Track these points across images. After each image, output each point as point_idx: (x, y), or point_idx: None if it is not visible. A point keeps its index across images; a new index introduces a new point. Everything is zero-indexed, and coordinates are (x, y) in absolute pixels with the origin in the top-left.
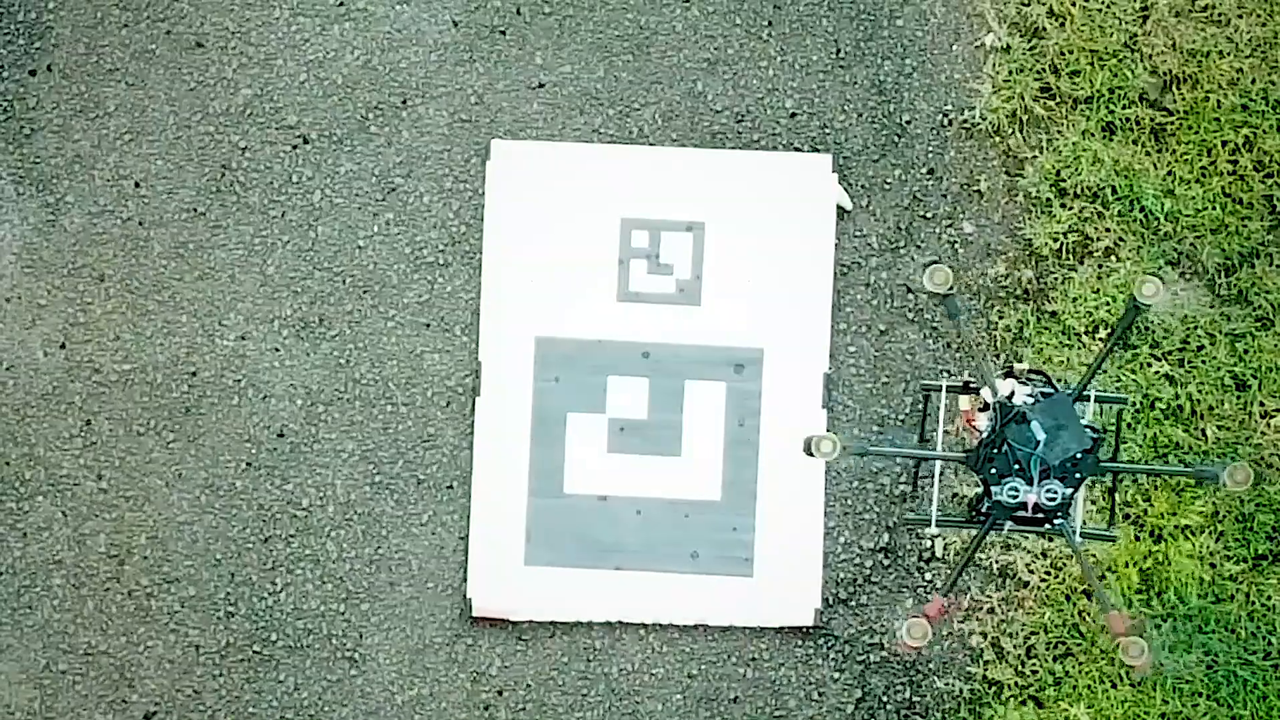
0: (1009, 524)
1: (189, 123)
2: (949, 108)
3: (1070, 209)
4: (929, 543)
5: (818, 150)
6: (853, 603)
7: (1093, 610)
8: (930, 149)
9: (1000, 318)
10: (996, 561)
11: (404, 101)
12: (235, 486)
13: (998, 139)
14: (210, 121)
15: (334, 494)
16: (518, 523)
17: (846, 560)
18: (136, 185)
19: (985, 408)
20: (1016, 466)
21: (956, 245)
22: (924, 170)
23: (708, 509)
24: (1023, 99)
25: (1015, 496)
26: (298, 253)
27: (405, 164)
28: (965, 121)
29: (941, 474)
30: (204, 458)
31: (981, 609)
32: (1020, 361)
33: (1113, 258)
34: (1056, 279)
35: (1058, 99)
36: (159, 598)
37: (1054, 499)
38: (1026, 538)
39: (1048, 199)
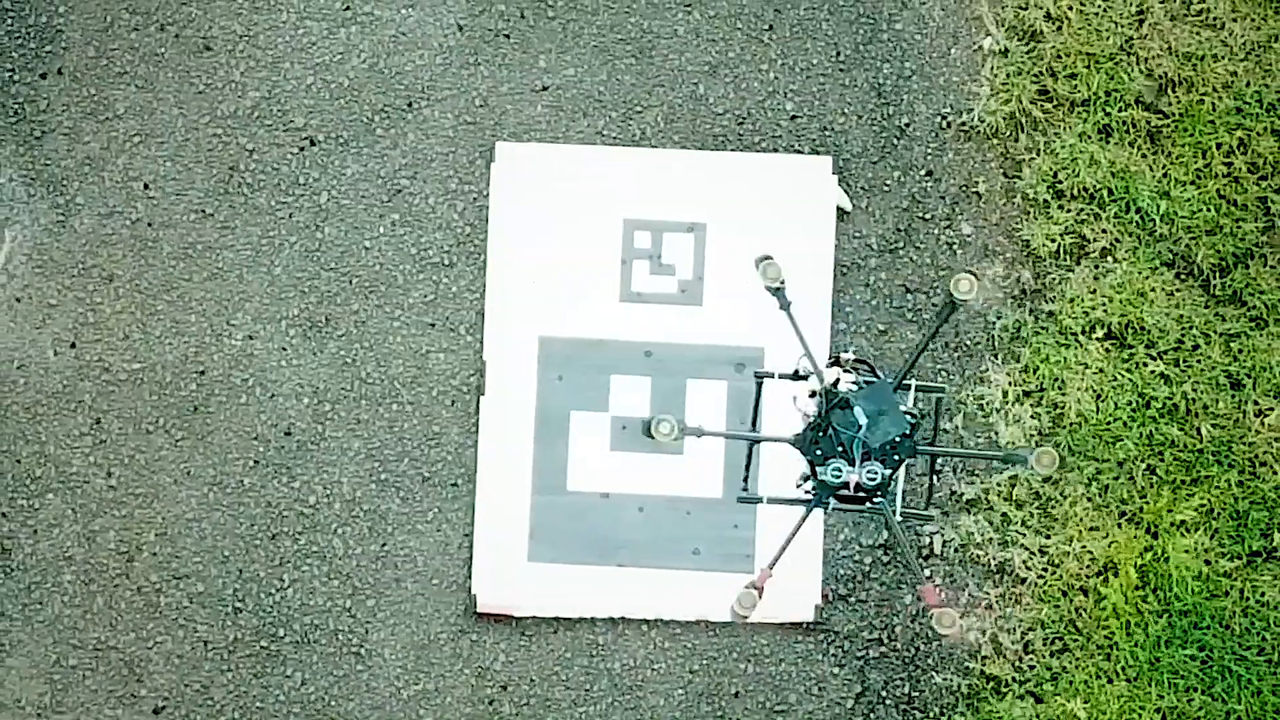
0: (833, 502)
1: (197, 125)
2: (947, 110)
3: (1067, 210)
4: (927, 540)
5: (818, 152)
6: (852, 599)
7: (1090, 606)
8: (929, 151)
9: (998, 318)
10: (994, 559)
11: (409, 104)
12: (243, 484)
13: (996, 141)
14: (218, 124)
15: (340, 491)
16: (521, 520)
17: (846, 557)
18: (146, 187)
19: (813, 394)
20: (840, 449)
21: (955, 246)
22: (923, 172)
23: (709, 506)
24: (1020, 101)
25: (839, 476)
26: (305, 253)
27: (411, 166)
28: (964, 124)
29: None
30: (212, 456)
31: (980, 605)
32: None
33: (1109, 258)
34: (1054, 279)
35: (1055, 102)
36: (168, 594)
37: (874, 479)
38: (1023, 535)
39: (1045, 200)
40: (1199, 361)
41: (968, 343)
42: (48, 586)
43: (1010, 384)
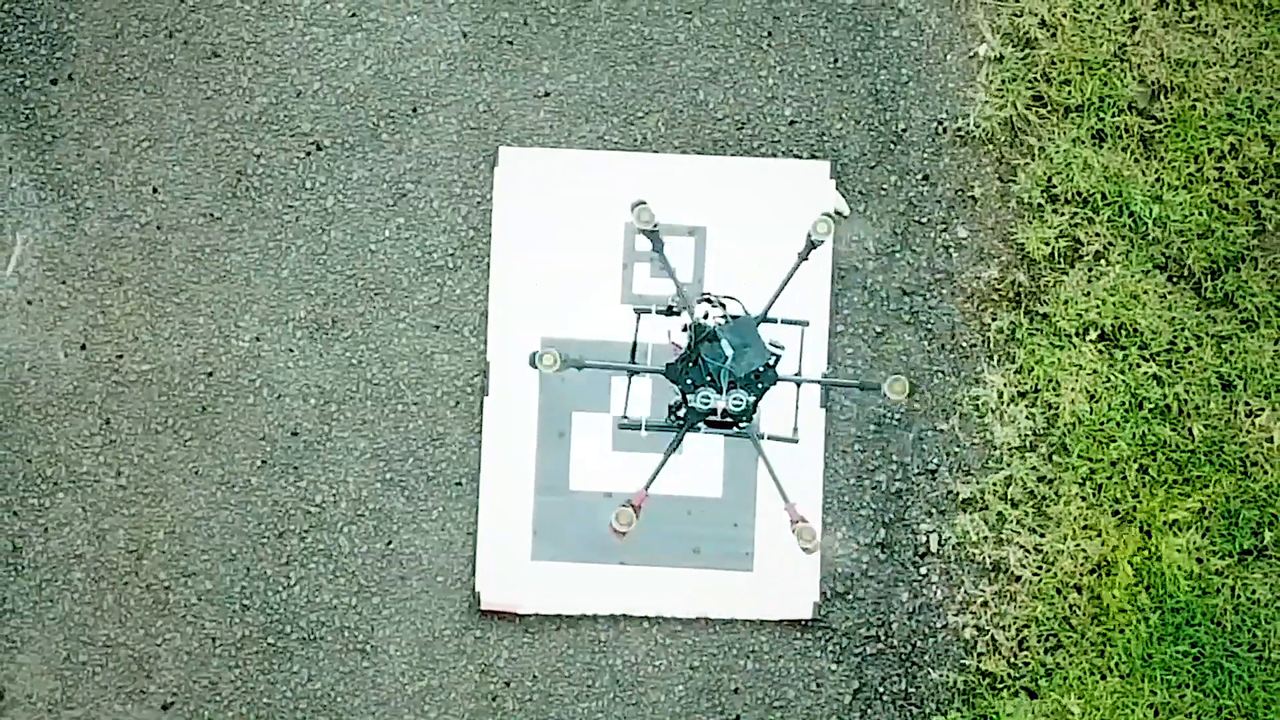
0: (703, 427)
1: (205, 130)
2: (944, 116)
3: (1061, 214)
4: (924, 538)
5: (816, 157)
6: (850, 596)
7: (1084, 604)
8: (925, 156)
9: (993, 320)
10: (990, 557)
11: (414, 110)
12: (250, 483)
13: (991, 146)
14: (226, 129)
15: (346, 491)
16: (525, 519)
17: (844, 555)
18: (155, 191)
19: (685, 329)
20: (709, 378)
21: (951, 250)
22: (919, 177)
23: (709, 505)
24: (1015, 107)
25: (707, 404)
26: (311, 256)
27: (415, 170)
28: (959, 129)
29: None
30: (220, 455)
31: (975, 603)
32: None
33: (1103, 261)
34: (1048, 282)
35: (1049, 107)
36: (176, 591)
37: (739, 406)
38: (1018, 533)
39: (1040, 205)
40: (1191, 363)
41: (963, 345)
42: (58, 584)
43: (1005, 385)
